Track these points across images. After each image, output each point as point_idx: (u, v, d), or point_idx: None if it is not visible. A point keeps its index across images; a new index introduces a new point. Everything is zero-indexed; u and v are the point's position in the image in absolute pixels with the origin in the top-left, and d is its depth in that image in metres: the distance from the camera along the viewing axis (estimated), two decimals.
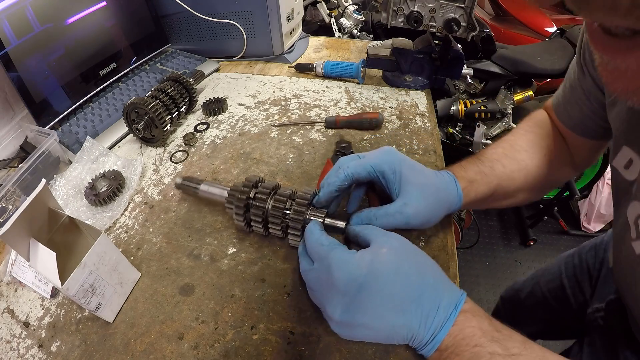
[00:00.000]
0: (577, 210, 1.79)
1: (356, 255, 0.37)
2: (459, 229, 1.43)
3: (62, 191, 0.61)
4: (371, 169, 0.45)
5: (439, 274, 0.38)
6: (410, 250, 0.39)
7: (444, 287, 0.36)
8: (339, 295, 0.36)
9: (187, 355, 0.41)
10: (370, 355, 0.41)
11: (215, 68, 0.95)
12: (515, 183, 0.51)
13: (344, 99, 0.82)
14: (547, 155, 0.52)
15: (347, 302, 0.36)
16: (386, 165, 0.45)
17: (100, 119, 0.75)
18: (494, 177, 0.49)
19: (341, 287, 0.36)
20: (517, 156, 0.52)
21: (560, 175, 0.56)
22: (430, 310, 0.34)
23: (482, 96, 1.60)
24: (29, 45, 0.66)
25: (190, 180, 0.56)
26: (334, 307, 0.36)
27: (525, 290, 0.83)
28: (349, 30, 1.45)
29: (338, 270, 0.36)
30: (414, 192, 0.44)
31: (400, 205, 0.43)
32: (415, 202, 0.43)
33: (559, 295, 0.73)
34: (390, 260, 0.36)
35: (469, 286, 1.58)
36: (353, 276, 0.35)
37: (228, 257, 0.51)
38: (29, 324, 0.46)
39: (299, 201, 0.46)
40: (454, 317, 0.34)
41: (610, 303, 0.54)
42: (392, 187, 0.45)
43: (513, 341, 0.33)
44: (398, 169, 0.44)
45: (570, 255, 0.74)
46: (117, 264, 0.44)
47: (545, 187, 0.56)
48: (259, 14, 0.88)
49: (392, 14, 0.75)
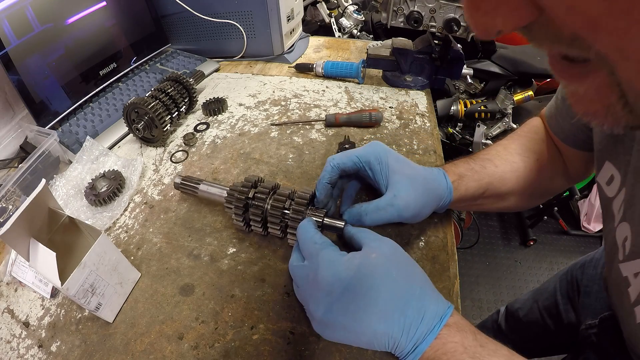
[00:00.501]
0: (577, 210, 1.79)
1: (346, 256, 0.37)
2: (459, 229, 1.43)
3: (62, 191, 0.61)
4: (356, 159, 0.46)
5: (427, 284, 0.37)
6: (400, 258, 0.38)
7: (431, 298, 0.36)
8: (323, 294, 0.36)
9: (187, 355, 0.41)
10: (370, 355, 0.41)
11: (215, 68, 0.95)
12: (507, 185, 0.51)
13: (344, 99, 0.82)
14: (539, 160, 0.52)
15: (331, 301, 0.35)
16: (372, 155, 0.45)
17: (100, 119, 0.75)
18: (485, 175, 0.49)
19: (326, 286, 0.36)
20: (510, 158, 0.52)
21: (553, 184, 0.56)
22: (413, 320, 0.34)
23: (482, 96, 1.59)
24: (29, 45, 0.66)
25: (189, 180, 0.56)
26: (316, 305, 0.36)
27: (525, 309, 0.83)
28: (349, 30, 1.45)
29: (325, 269, 0.36)
30: (402, 182, 0.44)
31: (390, 197, 0.43)
32: (404, 194, 0.43)
33: (554, 313, 0.74)
34: (379, 265, 0.36)
35: (469, 286, 1.58)
36: (339, 277, 0.35)
37: (228, 257, 0.51)
38: (29, 324, 0.46)
39: (298, 201, 0.46)
40: (437, 330, 0.33)
41: (603, 320, 0.53)
42: (379, 178, 0.45)
43: (497, 356, 0.32)
44: (384, 160, 0.45)
45: (564, 274, 0.74)
46: (117, 264, 0.44)
47: (537, 194, 0.56)
48: (259, 14, 0.88)
49: (392, 14, 0.75)
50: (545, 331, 0.77)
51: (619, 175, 0.39)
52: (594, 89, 0.19)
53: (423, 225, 0.54)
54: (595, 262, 0.66)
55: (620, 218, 0.39)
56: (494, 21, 0.17)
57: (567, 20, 0.15)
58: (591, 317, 0.57)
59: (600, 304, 0.59)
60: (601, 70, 0.17)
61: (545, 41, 0.18)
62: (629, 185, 0.37)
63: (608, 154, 0.41)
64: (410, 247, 0.52)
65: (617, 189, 0.40)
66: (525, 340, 0.83)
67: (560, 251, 1.72)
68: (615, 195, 0.40)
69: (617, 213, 0.40)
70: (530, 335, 0.81)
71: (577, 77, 0.19)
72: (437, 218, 0.55)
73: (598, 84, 0.18)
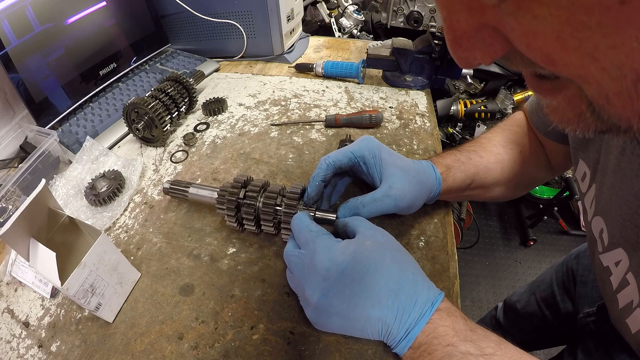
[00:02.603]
0: (577, 210, 1.79)
1: (342, 243, 0.38)
2: (459, 229, 1.43)
3: (62, 191, 0.61)
4: (351, 154, 0.47)
5: (419, 271, 0.39)
6: (393, 245, 0.40)
7: (423, 285, 0.37)
8: (319, 279, 0.37)
9: (187, 355, 0.41)
10: (370, 355, 0.41)
11: (215, 68, 0.95)
12: (492, 175, 0.52)
13: (344, 99, 0.82)
14: (522, 152, 0.54)
15: (327, 286, 0.36)
16: (366, 150, 0.46)
17: (100, 119, 0.75)
18: (471, 166, 0.51)
19: (322, 270, 0.36)
20: (494, 150, 0.53)
21: (537, 175, 0.58)
22: (406, 306, 0.35)
23: (482, 96, 1.59)
24: (29, 45, 0.66)
25: (178, 185, 0.55)
26: (313, 290, 0.37)
27: (523, 301, 0.84)
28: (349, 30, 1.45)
29: (322, 254, 0.37)
30: (396, 174, 0.45)
31: (386, 189, 0.44)
32: (399, 185, 0.44)
33: (551, 304, 0.74)
34: (373, 251, 0.37)
35: (469, 286, 1.58)
36: (336, 262, 0.36)
37: (228, 257, 0.51)
38: (29, 324, 0.46)
39: (290, 196, 0.47)
40: (429, 315, 0.34)
41: (601, 308, 0.54)
42: (374, 171, 0.46)
43: (487, 341, 0.33)
44: (377, 154, 0.46)
45: (560, 264, 0.75)
46: (117, 264, 0.44)
47: (522, 185, 0.57)
48: (259, 14, 0.88)
49: (392, 14, 0.75)
50: (543, 322, 0.77)
51: (589, 171, 0.42)
52: (566, 101, 0.21)
53: (423, 225, 0.54)
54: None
55: (593, 212, 0.41)
56: (474, 55, 0.20)
57: (529, 56, 0.17)
58: (588, 305, 0.58)
59: (597, 292, 0.60)
60: (571, 86, 0.19)
61: (520, 65, 0.20)
62: (598, 181, 0.40)
63: (581, 152, 0.43)
64: (410, 247, 0.52)
65: (588, 184, 0.42)
66: (525, 332, 0.84)
67: (560, 251, 1.72)
68: (587, 191, 0.42)
69: (590, 208, 0.42)
70: (529, 328, 0.82)
71: (550, 91, 0.21)
72: (437, 218, 0.55)
73: (569, 97, 0.20)
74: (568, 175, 1.57)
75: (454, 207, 1.47)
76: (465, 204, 1.48)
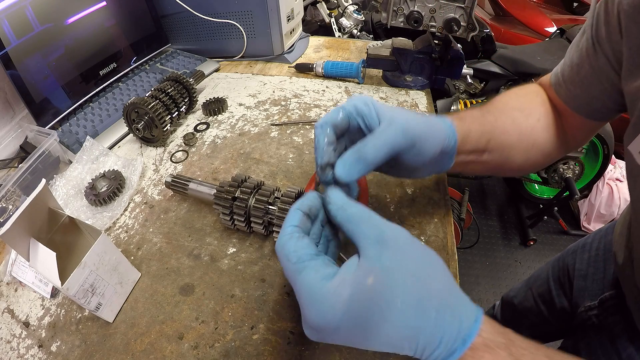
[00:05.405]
0: (577, 210, 1.79)
1: (332, 284, 0.28)
2: (459, 228, 1.43)
3: (62, 191, 0.61)
4: (342, 108, 0.39)
5: (446, 296, 0.29)
6: (409, 268, 0.28)
7: (452, 316, 0.28)
8: (312, 331, 0.29)
9: (187, 355, 0.41)
10: (371, 355, 0.41)
11: (215, 68, 0.95)
12: (510, 138, 0.48)
13: (344, 99, 0.82)
14: (540, 120, 0.50)
15: (322, 337, 0.30)
16: (357, 100, 0.39)
17: (100, 119, 0.75)
18: (486, 122, 0.47)
19: (313, 325, 0.29)
20: (511, 114, 0.49)
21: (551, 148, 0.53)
22: (425, 349, 0.28)
23: (482, 96, 1.59)
24: (29, 45, 0.66)
25: (179, 179, 0.56)
26: (307, 328, 0.30)
27: (520, 297, 0.84)
28: (349, 30, 1.45)
29: (307, 306, 0.28)
30: (397, 110, 0.39)
31: (387, 121, 0.37)
32: (402, 116, 0.38)
33: (547, 299, 0.74)
34: (378, 292, 0.27)
35: (469, 286, 1.58)
36: (326, 320, 0.28)
37: (228, 257, 0.51)
38: (29, 324, 0.46)
39: (284, 199, 0.47)
40: (458, 355, 0.27)
41: (604, 301, 0.53)
42: (371, 119, 0.38)
43: None
44: (370, 102, 0.39)
45: (556, 260, 0.75)
46: (117, 264, 0.44)
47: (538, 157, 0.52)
48: (259, 14, 0.88)
49: (392, 14, 0.75)
50: (540, 318, 0.77)
51: None
52: None
53: (423, 225, 0.54)
54: (588, 247, 0.66)
55: None
56: None
57: None
58: (589, 299, 0.57)
59: (597, 286, 0.59)
60: None
61: None
62: None
63: None
64: None
65: None
66: (521, 328, 0.83)
67: (560, 251, 1.71)
68: None
69: None
70: (525, 324, 0.82)
71: None
72: (437, 218, 0.55)
73: None
74: (568, 175, 1.57)
75: (454, 207, 1.47)
76: (465, 204, 1.48)
